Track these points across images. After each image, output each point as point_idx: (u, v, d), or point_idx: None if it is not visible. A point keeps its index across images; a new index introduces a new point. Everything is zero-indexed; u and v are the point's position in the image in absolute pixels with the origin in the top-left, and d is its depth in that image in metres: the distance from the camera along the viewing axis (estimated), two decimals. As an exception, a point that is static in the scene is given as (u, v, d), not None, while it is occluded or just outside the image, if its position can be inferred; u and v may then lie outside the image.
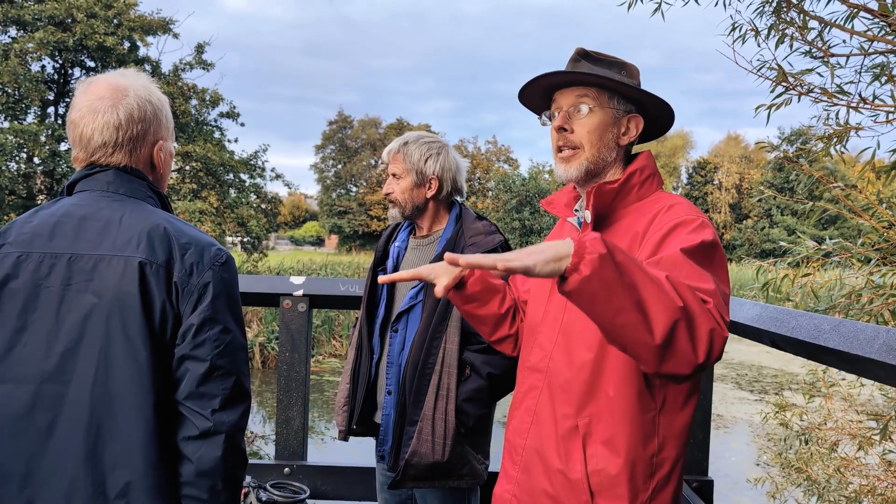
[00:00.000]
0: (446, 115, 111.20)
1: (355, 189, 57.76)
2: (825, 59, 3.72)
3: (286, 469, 2.48)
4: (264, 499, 2.24)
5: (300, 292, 2.52)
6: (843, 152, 3.88)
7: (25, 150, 15.62)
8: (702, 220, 1.35)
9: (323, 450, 8.30)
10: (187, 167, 17.80)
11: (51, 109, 17.58)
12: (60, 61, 17.30)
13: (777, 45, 3.82)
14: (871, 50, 3.66)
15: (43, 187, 16.98)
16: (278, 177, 19.93)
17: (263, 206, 20.00)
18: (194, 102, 18.19)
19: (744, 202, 51.88)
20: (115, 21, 16.74)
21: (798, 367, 10.98)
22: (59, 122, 16.79)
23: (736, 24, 3.95)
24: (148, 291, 1.26)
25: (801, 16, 3.80)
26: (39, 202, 16.34)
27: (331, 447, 8.41)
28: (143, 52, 17.97)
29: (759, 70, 3.82)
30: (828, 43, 3.76)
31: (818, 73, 3.75)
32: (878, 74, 3.59)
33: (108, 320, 1.25)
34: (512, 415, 1.54)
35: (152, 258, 1.28)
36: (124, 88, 1.37)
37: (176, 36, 18.12)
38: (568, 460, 1.39)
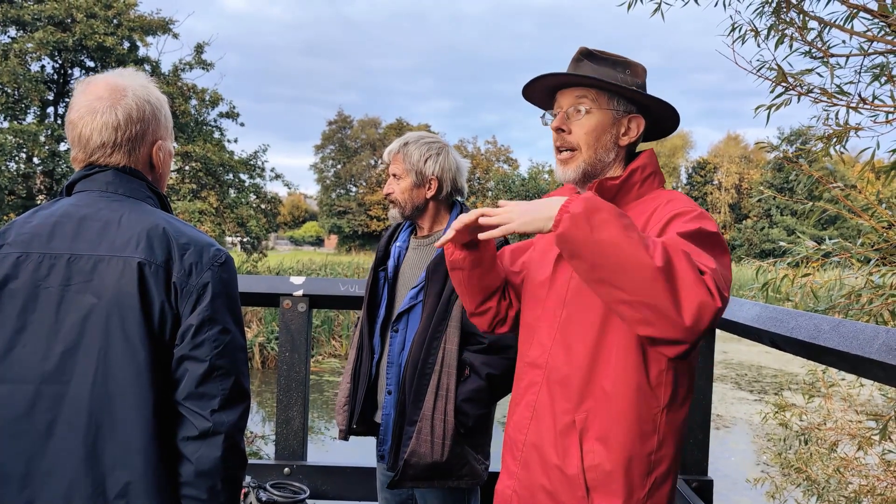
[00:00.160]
0: (446, 116, 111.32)
1: (355, 189, 57.75)
2: (825, 60, 3.72)
3: (286, 469, 2.48)
4: (264, 499, 2.24)
5: (300, 292, 2.52)
6: (842, 152, 3.89)
7: (25, 150, 15.61)
8: (700, 211, 1.35)
9: (323, 450, 8.30)
10: (187, 167, 17.79)
11: (50, 109, 17.56)
12: (60, 61, 17.28)
13: (777, 46, 3.82)
14: (870, 50, 3.66)
15: (42, 187, 16.97)
16: (278, 177, 19.92)
17: (263, 206, 19.98)
18: (194, 102, 18.17)
19: (743, 202, 51.90)
20: (115, 21, 16.72)
21: (798, 367, 10.98)
22: (59, 122, 16.77)
23: (736, 25, 3.95)
24: (147, 292, 1.26)
25: (801, 16, 3.80)
26: (39, 202, 16.33)
27: (331, 447, 8.41)
28: (142, 52, 17.95)
29: (758, 70, 3.83)
30: (827, 43, 3.76)
31: (818, 74, 3.76)
32: (877, 75, 3.59)
33: (107, 321, 1.25)
34: (513, 410, 1.54)
35: (151, 258, 1.28)
36: (123, 88, 1.37)
37: (176, 36, 18.10)
38: (565, 456, 1.39)
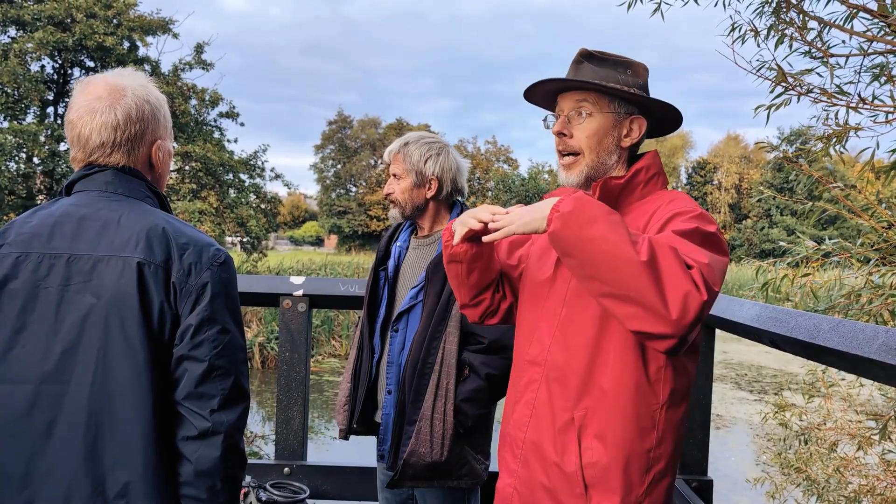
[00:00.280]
0: (446, 116, 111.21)
1: (355, 189, 57.74)
2: (824, 60, 3.72)
3: (286, 469, 2.48)
4: (264, 498, 2.24)
5: (300, 292, 2.52)
6: (842, 152, 3.89)
7: (25, 150, 15.60)
8: (700, 212, 1.36)
9: (323, 450, 8.30)
10: (187, 167, 17.77)
11: (50, 109, 17.54)
12: (60, 61, 17.26)
13: (776, 46, 3.82)
14: (870, 50, 3.66)
15: (42, 187, 16.96)
16: (278, 177, 19.91)
17: (263, 206, 19.97)
18: (194, 102, 18.15)
19: (743, 202, 51.90)
20: (115, 21, 16.70)
21: (797, 367, 10.98)
22: (59, 122, 16.76)
23: (735, 25, 3.95)
24: (146, 292, 1.26)
25: (801, 16, 3.80)
26: (39, 202, 16.32)
27: (331, 447, 8.41)
28: (142, 52, 17.93)
29: (758, 70, 3.83)
30: (827, 43, 3.76)
31: (817, 74, 3.75)
32: (877, 75, 3.59)
33: (106, 320, 1.25)
34: (511, 408, 1.53)
35: (150, 258, 1.27)
36: (122, 88, 1.37)
37: (175, 36, 18.09)
38: (563, 453, 1.39)
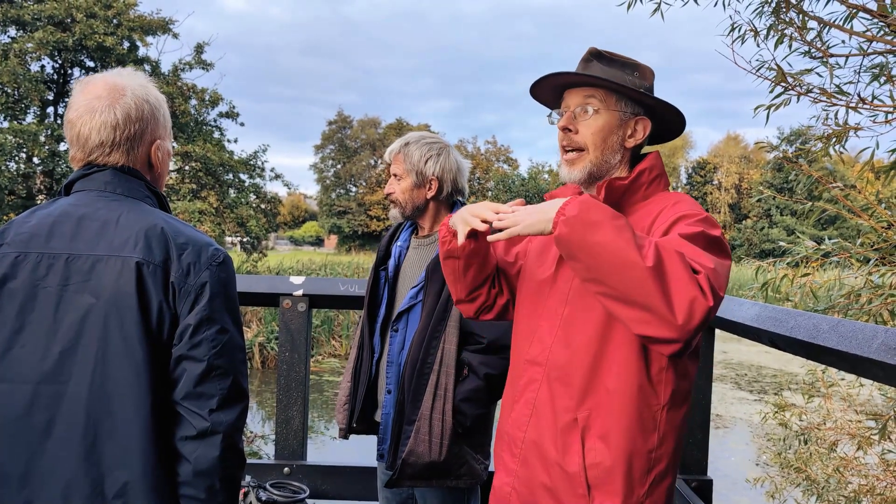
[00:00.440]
0: (446, 116, 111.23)
1: (355, 189, 57.73)
2: (824, 60, 3.72)
3: (286, 469, 2.48)
4: (264, 498, 2.24)
5: (300, 292, 2.52)
6: (842, 152, 3.89)
7: (25, 149, 15.59)
8: (706, 216, 1.36)
9: (323, 449, 8.30)
10: (187, 167, 17.77)
11: (50, 109, 17.53)
12: (60, 61, 17.25)
13: (776, 46, 3.82)
14: (869, 50, 3.66)
15: (42, 187, 16.95)
16: (278, 177, 19.91)
17: (263, 206, 19.96)
18: (194, 102, 18.14)
19: (743, 202, 51.90)
20: (115, 21, 16.69)
21: (797, 367, 10.98)
22: (59, 122, 16.75)
23: (735, 25, 3.95)
24: (145, 291, 1.26)
25: (801, 16, 3.80)
26: (39, 202, 16.31)
27: (330, 447, 8.41)
28: (142, 52, 17.92)
29: (758, 70, 3.83)
30: (827, 43, 3.76)
31: (817, 74, 3.76)
32: (877, 75, 3.59)
33: (105, 320, 1.25)
34: (511, 407, 1.53)
35: (149, 258, 1.27)
36: (122, 88, 1.37)
37: (175, 36, 18.08)
38: (566, 453, 1.39)
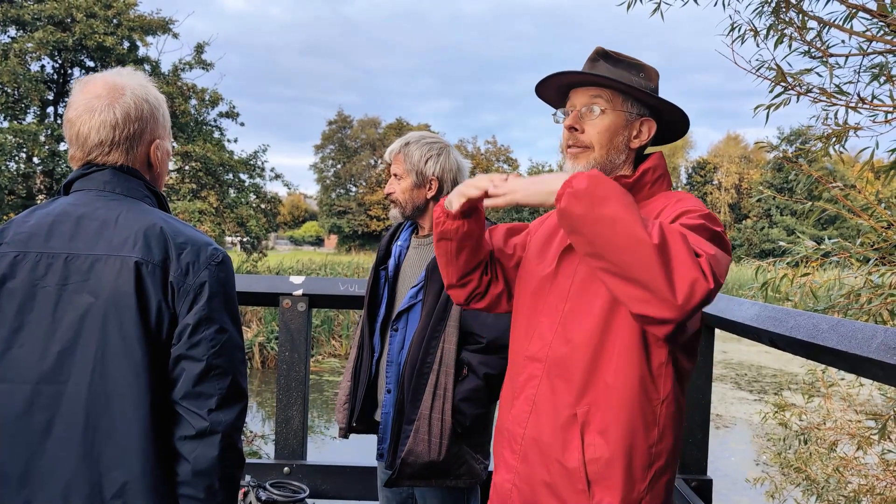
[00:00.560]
0: (446, 115, 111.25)
1: (355, 189, 57.72)
2: (824, 59, 3.72)
3: (286, 468, 2.48)
4: (264, 498, 2.24)
5: (300, 292, 2.52)
6: (841, 152, 3.89)
7: (25, 149, 15.60)
8: (708, 212, 1.36)
9: (322, 449, 8.30)
10: (187, 167, 17.77)
11: (50, 109, 17.53)
12: (60, 61, 17.25)
13: (776, 46, 3.82)
14: (869, 50, 3.66)
15: (42, 187, 16.95)
16: (278, 177, 19.91)
17: (263, 205, 19.96)
18: (194, 102, 18.14)
19: (743, 202, 51.91)
20: (115, 21, 16.69)
21: (797, 366, 10.98)
22: (59, 121, 16.74)
23: (735, 25, 3.95)
24: (144, 291, 1.26)
25: (800, 16, 3.79)
26: (39, 202, 16.28)
27: (330, 447, 8.41)
28: (142, 52, 17.92)
29: (757, 70, 3.82)
30: (826, 43, 3.75)
31: (817, 73, 3.75)
32: (876, 74, 3.59)
33: (104, 320, 1.25)
34: (510, 404, 1.52)
35: (148, 258, 1.27)
36: (121, 87, 1.37)
37: (175, 36, 18.08)
38: (565, 449, 1.39)
